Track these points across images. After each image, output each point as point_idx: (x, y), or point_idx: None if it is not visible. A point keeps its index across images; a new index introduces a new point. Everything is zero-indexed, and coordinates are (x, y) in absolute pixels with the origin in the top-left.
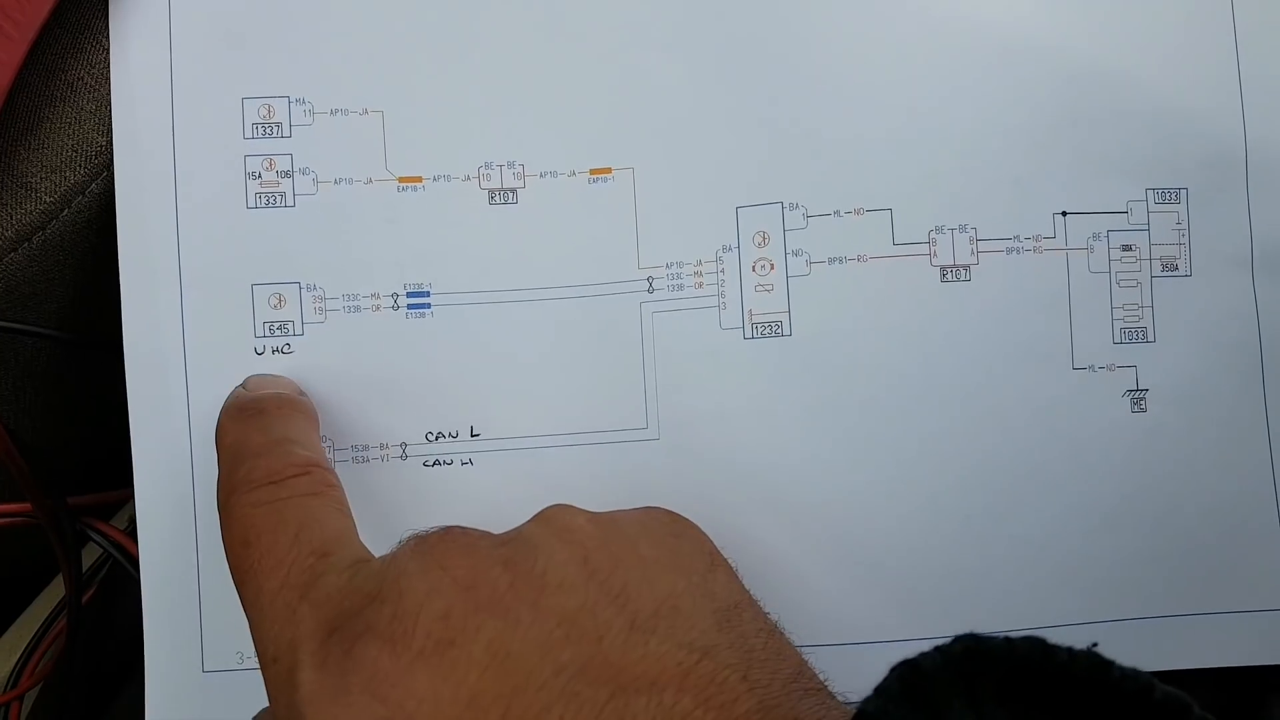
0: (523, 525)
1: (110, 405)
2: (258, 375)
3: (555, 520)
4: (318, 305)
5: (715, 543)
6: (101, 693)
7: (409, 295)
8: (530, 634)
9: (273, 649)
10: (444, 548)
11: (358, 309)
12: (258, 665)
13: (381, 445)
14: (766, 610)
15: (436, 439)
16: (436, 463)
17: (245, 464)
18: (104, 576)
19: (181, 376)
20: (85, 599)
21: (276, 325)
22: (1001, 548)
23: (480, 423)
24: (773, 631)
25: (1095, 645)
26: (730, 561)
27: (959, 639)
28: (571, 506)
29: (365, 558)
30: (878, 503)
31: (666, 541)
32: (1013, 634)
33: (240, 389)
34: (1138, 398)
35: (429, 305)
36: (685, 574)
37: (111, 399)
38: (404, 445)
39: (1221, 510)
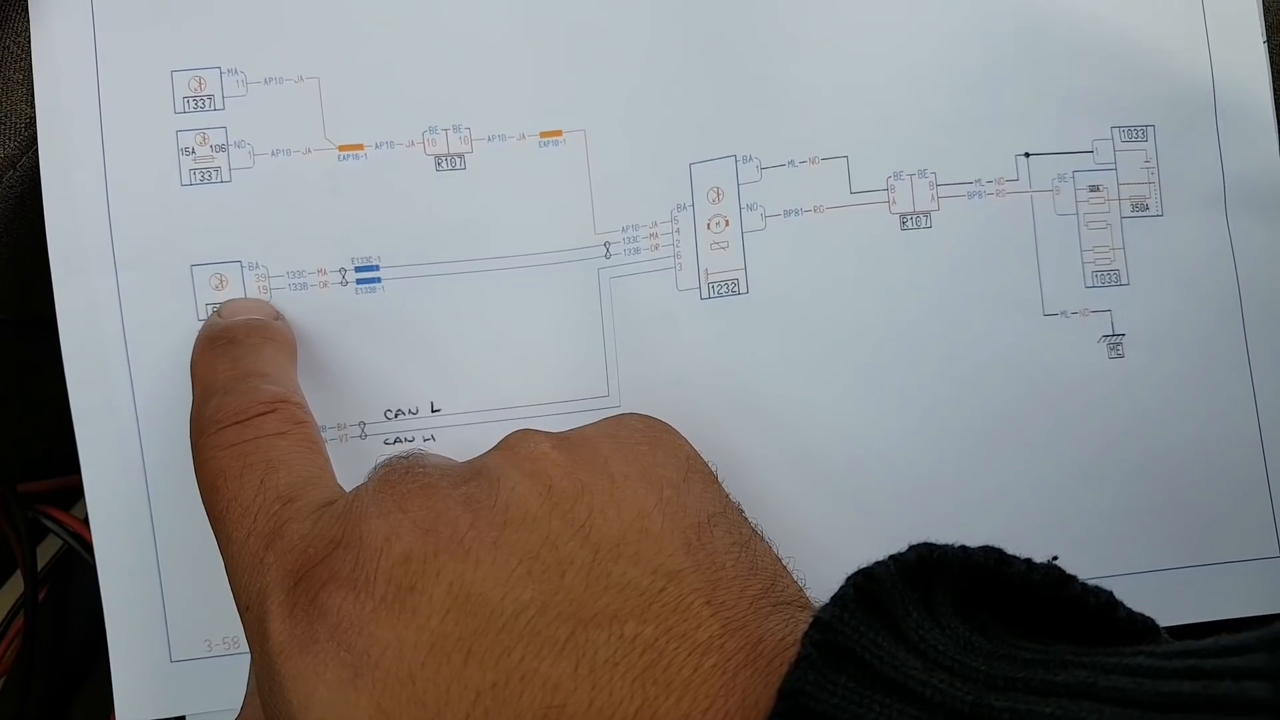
0: (486, 454)
1: (59, 388)
2: (235, 299)
3: (518, 448)
4: (261, 284)
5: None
6: (70, 679)
7: (357, 270)
8: (491, 574)
9: (244, 598)
10: (403, 488)
11: (304, 286)
12: (228, 652)
13: (340, 426)
14: (748, 518)
15: (396, 416)
16: (398, 440)
17: (212, 401)
18: (66, 565)
19: (124, 363)
20: (49, 588)
21: (219, 308)
22: (976, 504)
23: (440, 398)
24: (746, 544)
25: (1056, 558)
26: (711, 464)
27: (913, 547)
28: (536, 431)
29: (331, 499)
30: (844, 461)
31: (639, 453)
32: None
33: (215, 315)
34: (1114, 343)
35: (379, 279)
36: (657, 489)
37: (60, 381)
38: (363, 425)
39: (1205, 458)
